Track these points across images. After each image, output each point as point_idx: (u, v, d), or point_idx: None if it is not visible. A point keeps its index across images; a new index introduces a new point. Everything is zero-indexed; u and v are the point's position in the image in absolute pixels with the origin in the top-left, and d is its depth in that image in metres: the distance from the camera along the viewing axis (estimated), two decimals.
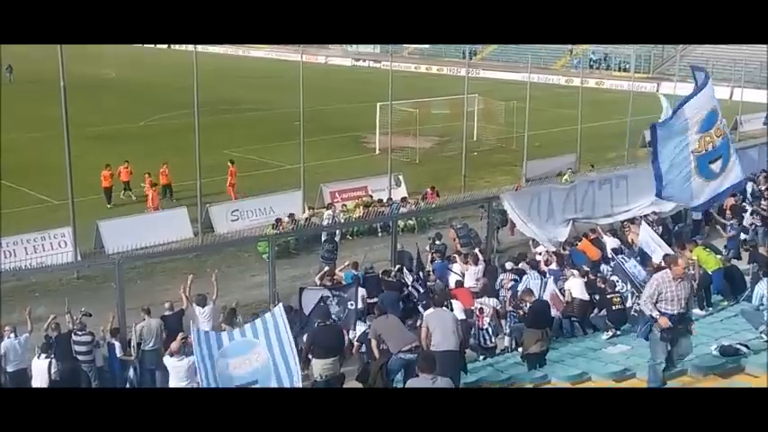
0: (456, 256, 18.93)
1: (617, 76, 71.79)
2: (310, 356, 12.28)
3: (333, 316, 14.47)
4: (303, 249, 23.40)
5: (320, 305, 14.78)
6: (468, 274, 17.77)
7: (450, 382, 9.02)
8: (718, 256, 18.00)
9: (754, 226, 22.23)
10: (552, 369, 13.23)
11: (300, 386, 11.27)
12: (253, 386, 10.98)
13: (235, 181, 29.23)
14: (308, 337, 12.70)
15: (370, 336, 13.01)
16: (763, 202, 23.68)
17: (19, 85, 59.21)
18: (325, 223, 24.17)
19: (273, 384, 11.10)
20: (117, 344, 14.80)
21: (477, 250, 19.23)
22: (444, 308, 13.59)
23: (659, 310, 10.44)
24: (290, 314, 13.03)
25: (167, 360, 12.94)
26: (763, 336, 12.75)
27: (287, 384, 11.14)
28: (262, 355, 11.22)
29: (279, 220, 23.61)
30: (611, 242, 19.62)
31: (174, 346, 12.93)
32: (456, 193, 29.83)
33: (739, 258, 19.77)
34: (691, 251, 18.35)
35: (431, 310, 13.45)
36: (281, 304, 12.37)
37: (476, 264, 18.03)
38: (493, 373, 14.02)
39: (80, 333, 14.29)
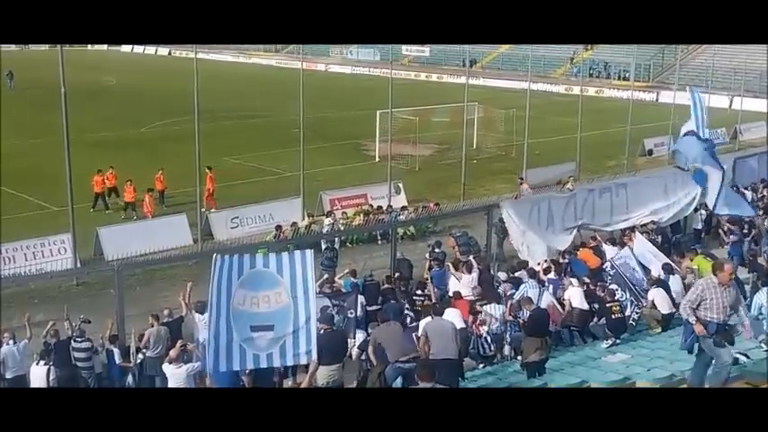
0: (450, 264, 18.89)
1: (616, 85, 71.94)
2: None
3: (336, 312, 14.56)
4: None
5: (324, 312, 14.76)
6: (462, 282, 17.75)
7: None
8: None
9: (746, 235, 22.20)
10: (551, 378, 13.21)
11: (315, 352, 11.08)
12: (266, 331, 10.69)
13: (214, 188, 28.85)
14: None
15: (371, 343, 13.02)
16: (759, 212, 23.69)
17: (19, 91, 59.27)
18: (325, 231, 24.17)
19: (290, 337, 10.79)
20: (116, 351, 14.79)
21: (471, 257, 19.21)
22: (443, 317, 13.61)
23: (697, 317, 10.03)
24: None
25: (166, 367, 12.93)
26: (762, 345, 12.75)
27: (303, 343, 10.84)
28: (283, 297, 10.80)
29: (279, 228, 23.61)
30: (610, 251, 19.60)
31: (172, 353, 12.93)
32: (455, 201, 29.83)
33: (744, 265, 19.72)
34: (691, 260, 18.34)
35: (429, 318, 13.46)
36: (311, 251, 12.10)
37: (469, 272, 18.00)
38: (492, 381, 14.00)
39: (79, 340, 14.28)
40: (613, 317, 15.94)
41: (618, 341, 15.78)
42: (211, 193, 28.54)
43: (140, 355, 14.76)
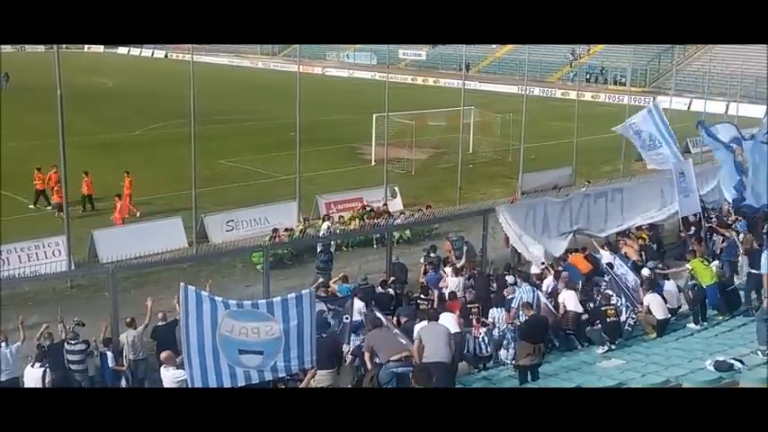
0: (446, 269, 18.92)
1: (613, 90, 72.03)
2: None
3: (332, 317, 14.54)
4: (297, 260, 23.36)
5: (320, 317, 14.74)
6: (452, 282, 17.81)
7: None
8: (715, 269, 17.91)
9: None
10: (546, 382, 13.20)
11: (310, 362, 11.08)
12: (256, 355, 10.62)
13: (130, 192, 28.28)
14: None
15: (364, 349, 13.05)
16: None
17: (15, 93, 59.13)
18: (321, 233, 24.15)
19: (280, 363, 10.77)
20: (109, 354, 14.76)
21: (461, 261, 19.27)
22: (438, 322, 13.62)
23: None
24: None
25: (161, 370, 12.89)
26: (758, 353, 12.72)
27: (295, 364, 10.87)
28: (274, 330, 10.67)
29: (276, 231, 23.58)
30: (606, 256, 19.59)
31: (163, 355, 12.88)
32: (451, 205, 29.83)
33: (737, 272, 19.70)
34: (687, 261, 18.34)
35: (424, 322, 13.46)
36: (310, 289, 11.98)
37: (456, 275, 18.10)
38: (486, 386, 13.99)
39: (72, 342, 14.23)
40: (609, 320, 15.94)
41: (613, 346, 15.78)
42: (129, 197, 27.93)
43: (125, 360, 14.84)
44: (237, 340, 10.53)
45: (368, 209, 28.08)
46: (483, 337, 15.52)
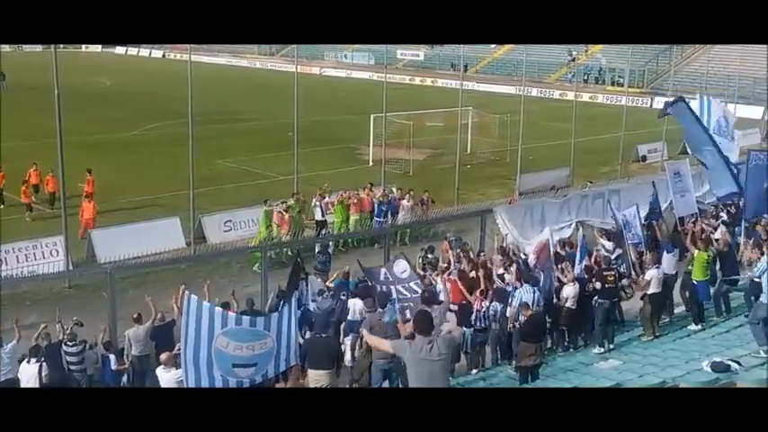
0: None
1: (610, 91, 72.07)
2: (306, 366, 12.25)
3: (329, 307, 14.66)
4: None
5: (319, 317, 14.80)
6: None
7: (451, 340, 8.35)
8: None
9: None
10: (544, 384, 13.23)
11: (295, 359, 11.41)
12: (248, 368, 10.82)
13: (92, 191, 27.71)
14: (303, 346, 12.66)
15: (363, 327, 13.03)
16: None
17: (12, 93, 59.03)
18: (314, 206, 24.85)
19: (271, 368, 11.05)
20: (112, 357, 14.73)
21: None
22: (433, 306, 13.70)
23: None
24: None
25: (158, 371, 12.87)
26: (761, 352, 12.72)
27: (283, 365, 11.17)
28: (268, 344, 10.95)
29: (266, 202, 24.58)
30: (607, 246, 19.61)
31: (163, 357, 12.87)
32: (449, 205, 29.85)
33: (738, 275, 19.66)
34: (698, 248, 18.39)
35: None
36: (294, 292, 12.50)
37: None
38: (486, 386, 14.02)
39: (70, 344, 14.21)
40: (606, 286, 16.34)
41: (611, 346, 15.82)
42: (90, 196, 27.06)
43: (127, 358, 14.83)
44: (231, 355, 10.76)
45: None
46: (483, 311, 15.65)
